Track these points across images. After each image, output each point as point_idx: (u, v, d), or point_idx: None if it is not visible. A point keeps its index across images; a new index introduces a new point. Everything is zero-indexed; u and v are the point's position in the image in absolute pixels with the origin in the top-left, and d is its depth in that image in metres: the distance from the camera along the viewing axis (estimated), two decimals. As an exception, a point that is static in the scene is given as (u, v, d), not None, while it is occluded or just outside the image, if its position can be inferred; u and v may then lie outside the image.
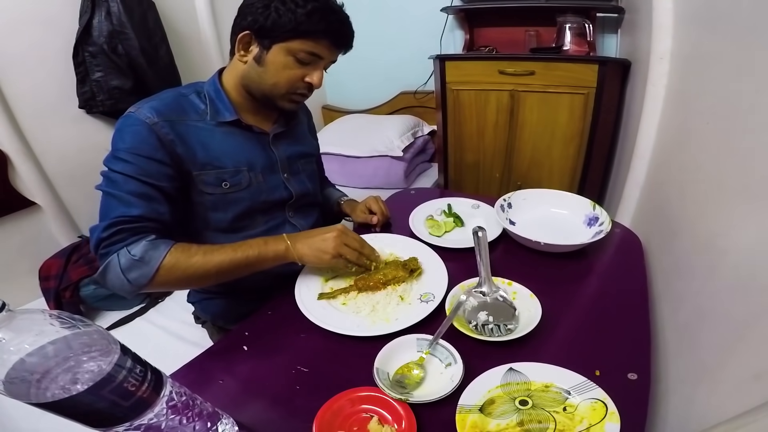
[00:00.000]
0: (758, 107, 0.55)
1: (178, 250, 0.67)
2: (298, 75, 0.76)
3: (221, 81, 0.81)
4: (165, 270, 0.65)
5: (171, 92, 0.77)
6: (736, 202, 0.58)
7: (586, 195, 0.97)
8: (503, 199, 0.96)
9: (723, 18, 0.73)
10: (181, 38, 1.73)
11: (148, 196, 0.68)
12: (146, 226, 0.67)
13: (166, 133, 0.70)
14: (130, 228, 0.66)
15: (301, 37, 0.72)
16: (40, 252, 1.37)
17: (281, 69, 0.75)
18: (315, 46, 0.73)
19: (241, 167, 0.79)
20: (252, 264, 0.72)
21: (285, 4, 0.69)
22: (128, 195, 0.66)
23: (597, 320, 0.70)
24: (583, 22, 1.62)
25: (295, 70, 0.75)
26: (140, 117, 0.69)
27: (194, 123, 0.75)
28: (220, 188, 0.77)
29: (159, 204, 0.69)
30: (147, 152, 0.68)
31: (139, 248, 0.65)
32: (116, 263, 0.64)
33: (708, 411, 0.51)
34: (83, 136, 1.48)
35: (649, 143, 1.12)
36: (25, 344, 0.33)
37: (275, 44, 0.73)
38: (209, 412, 0.49)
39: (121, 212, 0.65)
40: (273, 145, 0.85)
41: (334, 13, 0.74)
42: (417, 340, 0.62)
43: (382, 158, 1.94)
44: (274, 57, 0.74)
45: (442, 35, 1.97)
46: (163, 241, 0.67)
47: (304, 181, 0.92)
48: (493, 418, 0.51)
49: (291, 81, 0.76)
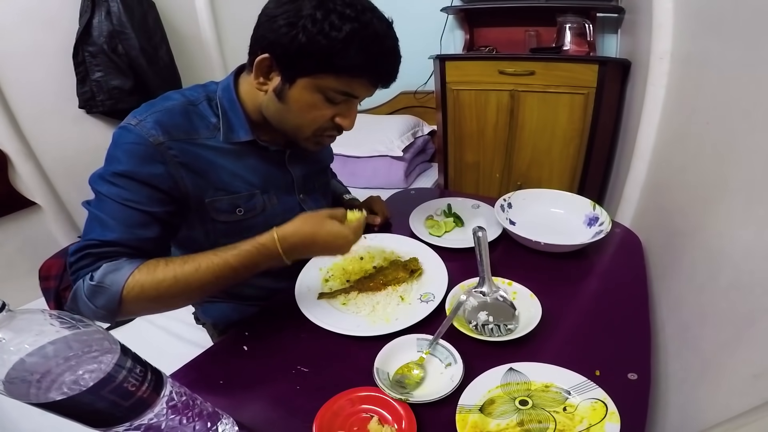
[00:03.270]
0: (758, 107, 0.55)
1: (143, 272, 0.57)
2: (326, 116, 0.64)
3: (237, 90, 0.68)
4: (131, 293, 0.55)
5: (179, 100, 0.65)
6: (736, 202, 0.58)
7: (586, 195, 0.97)
8: (503, 199, 0.96)
9: (723, 18, 0.73)
10: (181, 38, 1.73)
11: (132, 221, 0.59)
12: (116, 251, 0.58)
13: (173, 155, 0.61)
14: (96, 253, 0.57)
15: (335, 73, 0.58)
16: (40, 252, 1.36)
17: (307, 109, 0.62)
18: (350, 84, 0.60)
19: (254, 190, 0.71)
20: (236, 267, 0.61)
21: (316, 24, 0.54)
22: (108, 218, 0.58)
23: (597, 320, 0.70)
24: (583, 22, 1.62)
25: (324, 110, 0.63)
26: (142, 134, 0.59)
27: (204, 142, 0.65)
28: (234, 215, 0.70)
29: (145, 229, 0.61)
30: (144, 177, 0.59)
31: (99, 272, 0.56)
32: (81, 290, 0.56)
33: (708, 411, 0.51)
34: (83, 136, 1.49)
35: (649, 143, 1.12)
36: (25, 344, 0.33)
37: (300, 77, 0.60)
38: (209, 412, 0.49)
39: (95, 236, 0.58)
40: (289, 163, 0.77)
41: (378, 42, 0.58)
42: (417, 340, 0.62)
43: (382, 158, 1.94)
44: (298, 94, 0.61)
45: (442, 35, 1.98)
46: (128, 262, 0.57)
47: (318, 199, 0.86)
48: (493, 418, 0.51)
49: (318, 123, 0.65)
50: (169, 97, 0.66)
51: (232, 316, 0.92)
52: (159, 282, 0.57)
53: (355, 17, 0.55)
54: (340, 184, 1.13)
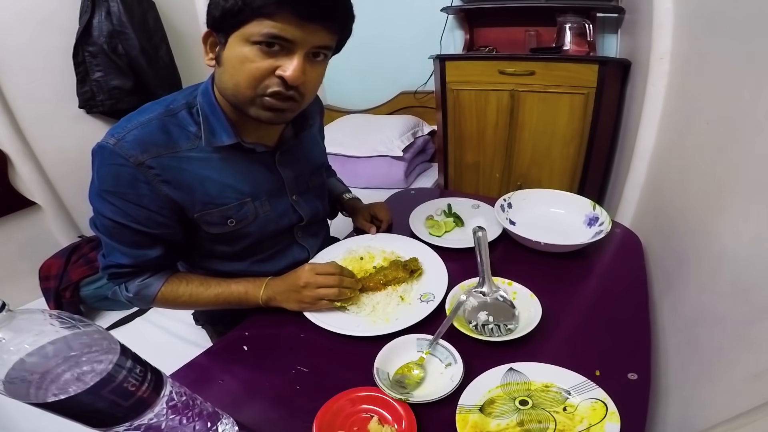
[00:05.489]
0: (758, 107, 0.55)
1: (168, 289, 0.71)
2: (262, 68, 0.57)
3: (215, 92, 0.66)
4: (161, 302, 0.72)
5: (156, 111, 0.63)
6: (736, 202, 0.58)
7: (586, 195, 0.97)
8: (503, 199, 0.96)
9: (723, 18, 0.73)
10: (181, 38, 1.73)
11: (139, 243, 0.66)
12: (136, 271, 0.70)
13: (156, 174, 0.61)
14: (121, 273, 0.69)
15: (255, 18, 0.55)
16: (40, 252, 1.37)
17: (240, 63, 0.58)
18: (274, 24, 0.55)
19: (244, 198, 0.70)
20: (234, 305, 0.74)
21: None
22: (118, 243, 0.66)
23: (597, 320, 0.70)
24: (583, 22, 1.62)
25: (259, 62, 0.57)
26: (122, 154, 0.59)
27: (186, 153, 0.64)
28: (226, 226, 0.70)
29: (151, 249, 0.68)
30: (133, 199, 0.61)
31: (133, 288, 0.70)
32: (120, 294, 0.72)
33: (708, 411, 0.51)
34: (83, 136, 1.47)
35: (649, 143, 1.12)
36: (25, 344, 0.33)
37: (231, 35, 0.58)
38: (209, 412, 0.49)
39: (112, 259, 0.68)
40: (279, 164, 0.75)
41: None
42: (417, 340, 0.62)
43: (382, 158, 1.93)
44: (231, 51, 0.58)
45: (442, 35, 1.97)
46: (155, 279, 0.71)
47: (313, 201, 0.84)
48: (494, 418, 0.51)
49: (254, 76, 0.58)
50: (146, 109, 0.64)
51: (232, 316, 0.92)
52: (178, 297, 0.72)
53: None
54: (340, 183, 1.11)
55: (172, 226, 0.67)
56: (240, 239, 0.74)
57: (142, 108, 0.65)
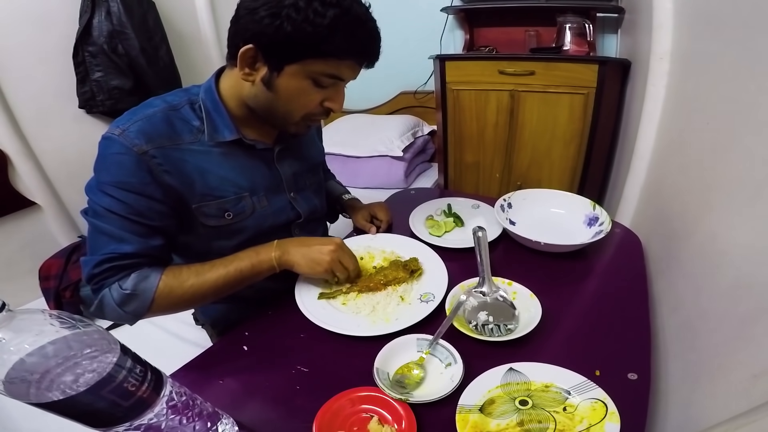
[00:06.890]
0: (758, 107, 0.55)
1: (170, 277, 0.65)
2: (316, 101, 0.65)
3: (219, 90, 0.69)
4: (161, 298, 0.64)
5: (160, 106, 0.65)
6: (736, 202, 0.58)
7: (586, 195, 0.97)
8: (503, 199, 0.96)
9: (723, 18, 0.73)
10: (181, 38, 1.73)
11: (140, 232, 0.63)
12: (139, 262, 0.64)
13: (158, 164, 0.62)
14: (121, 265, 0.63)
15: (322, 58, 0.59)
16: (40, 252, 1.37)
17: (297, 95, 0.64)
18: (338, 67, 0.61)
19: (242, 193, 0.71)
20: (247, 277, 0.69)
21: (300, 12, 0.55)
22: (119, 231, 0.62)
23: (597, 320, 0.70)
24: (583, 22, 1.62)
25: (313, 95, 0.64)
26: (126, 144, 0.60)
27: (188, 146, 0.65)
28: (223, 219, 0.71)
29: (152, 239, 0.65)
30: (136, 188, 0.61)
31: (130, 282, 0.62)
32: (110, 298, 0.62)
33: (708, 411, 0.51)
34: (83, 136, 1.49)
35: (649, 143, 1.12)
36: (25, 344, 0.33)
37: (288, 65, 0.60)
38: (209, 412, 0.49)
39: (112, 249, 0.62)
40: (278, 161, 0.77)
41: (362, 25, 0.60)
42: (417, 340, 0.62)
43: (382, 158, 1.94)
44: (287, 81, 0.62)
45: (442, 35, 1.97)
46: (152, 270, 0.65)
47: (310, 198, 0.85)
48: (494, 418, 0.51)
49: (307, 107, 0.66)
50: (150, 104, 0.66)
51: (231, 316, 0.92)
52: (185, 291, 0.66)
53: (337, 3, 0.56)
54: (338, 185, 1.12)
55: (172, 216, 0.67)
56: (237, 233, 0.74)
57: (145, 102, 0.66)
